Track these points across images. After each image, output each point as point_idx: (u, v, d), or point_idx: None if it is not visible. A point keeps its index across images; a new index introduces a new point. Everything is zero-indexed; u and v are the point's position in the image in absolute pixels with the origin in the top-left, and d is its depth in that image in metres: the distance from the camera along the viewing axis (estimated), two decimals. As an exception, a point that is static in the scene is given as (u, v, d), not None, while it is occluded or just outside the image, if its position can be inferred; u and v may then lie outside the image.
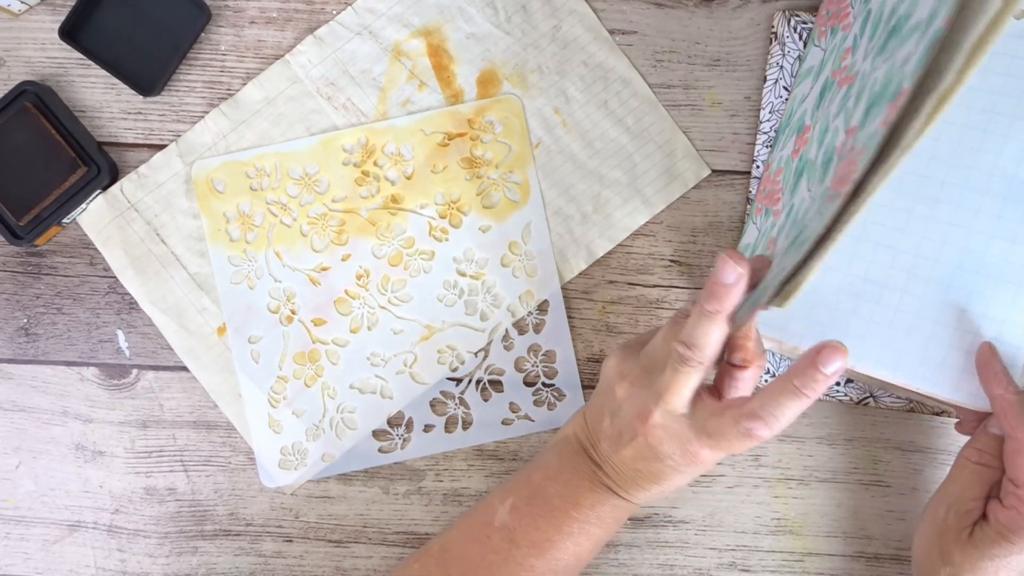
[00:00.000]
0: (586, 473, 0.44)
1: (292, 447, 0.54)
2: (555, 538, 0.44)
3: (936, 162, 0.45)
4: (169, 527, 0.55)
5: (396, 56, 0.55)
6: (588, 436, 0.45)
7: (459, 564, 0.45)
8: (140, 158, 0.55)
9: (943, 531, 0.43)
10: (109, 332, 0.55)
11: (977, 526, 0.42)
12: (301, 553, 0.55)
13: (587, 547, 0.44)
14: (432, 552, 0.46)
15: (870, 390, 0.53)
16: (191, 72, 0.55)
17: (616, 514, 0.44)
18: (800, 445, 0.54)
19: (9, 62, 0.55)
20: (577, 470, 0.44)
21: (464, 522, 0.47)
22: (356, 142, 0.54)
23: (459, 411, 0.55)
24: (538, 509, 0.44)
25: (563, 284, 0.54)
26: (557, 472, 0.45)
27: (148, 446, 0.55)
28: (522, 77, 0.54)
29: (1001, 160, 0.44)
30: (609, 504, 0.44)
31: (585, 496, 0.44)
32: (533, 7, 0.54)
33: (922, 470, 0.54)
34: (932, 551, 0.44)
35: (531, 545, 0.44)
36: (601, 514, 0.44)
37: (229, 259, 0.55)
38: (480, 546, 0.45)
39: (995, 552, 0.41)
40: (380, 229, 0.54)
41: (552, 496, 0.44)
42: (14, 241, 0.53)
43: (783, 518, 0.54)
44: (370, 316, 0.54)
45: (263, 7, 0.55)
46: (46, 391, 0.55)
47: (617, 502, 0.44)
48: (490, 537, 0.44)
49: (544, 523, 0.44)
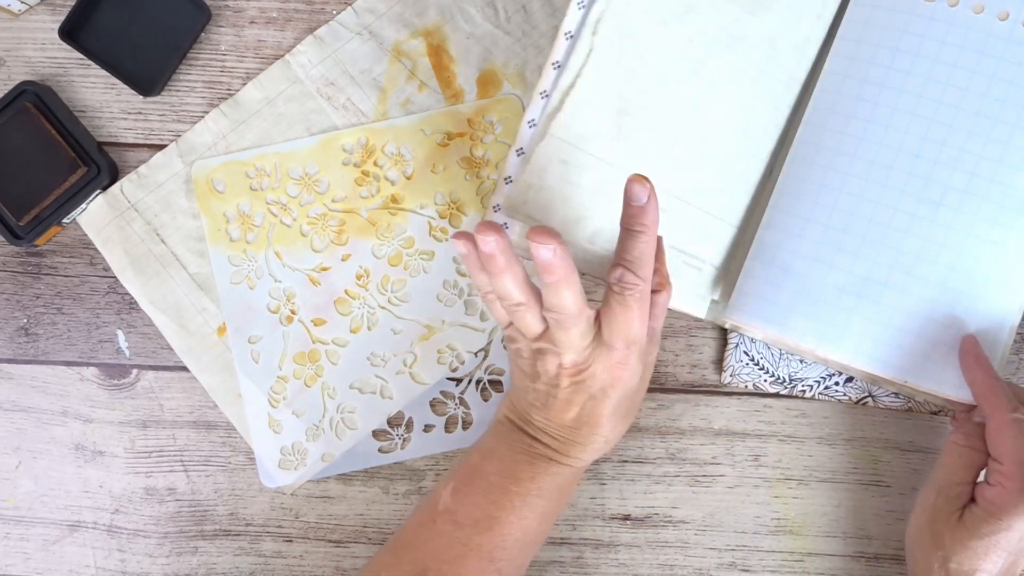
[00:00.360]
0: (522, 448, 0.45)
1: (292, 447, 0.54)
2: (497, 515, 0.44)
3: (940, 167, 0.46)
4: (169, 527, 0.55)
5: (396, 56, 0.55)
6: (518, 414, 0.46)
7: (409, 550, 0.45)
8: (140, 158, 0.55)
9: (934, 516, 0.44)
10: (109, 332, 0.55)
11: (967, 509, 0.43)
12: (301, 553, 0.55)
13: (533, 520, 0.45)
14: (388, 543, 0.47)
15: (869, 389, 0.53)
16: (191, 72, 0.55)
17: (558, 482, 0.45)
18: (800, 445, 0.54)
19: (9, 62, 0.55)
20: (512, 446, 0.45)
21: (415, 511, 0.48)
22: (356, 142, 0.54)
23: (459, 411, 0.55)
24: (477, 488, 0.45)
25: (563, 284, 0.54)
26: (493, 451, 0.46)
27: (148, 446, 0.55)
28: (522, 77, 0.54)
29: (1000, 168, 0.45)
30: (549, 474, 0.44)
31: (523, 469, 0.45)
32: (533, 7, 0.54)
33: (922, 470, 0.54)
34: (924, 537, 0.45)
35: (473, 524, 0.44)
36: (542, 486, 0.44)
37: (229, 259, 0.55)
38: (426, 530, 0.45)
39: (984, 531, 0.42)
40: (380, 229, 0.54)
41: (490, 474, 0.45)
42: (14, 241, 0.53)
43: (783, 518, 0.54)
44: (370, 316, 0.54)
45: (263, 7, 0.55)
46: (46, 391, 0.55)
47: (557, 469, 0.45)
48: (435, 521, 0.45)
49: (484, 501, 0.45)
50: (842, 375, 0.53)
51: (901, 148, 0.46)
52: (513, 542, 0.45)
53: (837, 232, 0.47)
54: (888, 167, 0.47)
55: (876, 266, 0.46)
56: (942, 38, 0.46)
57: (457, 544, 0.44)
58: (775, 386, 0.53)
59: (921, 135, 0.46)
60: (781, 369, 0.53)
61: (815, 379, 0.53)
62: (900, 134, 0.46)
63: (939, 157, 0.46)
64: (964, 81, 0.46)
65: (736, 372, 0.53)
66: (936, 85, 0.46)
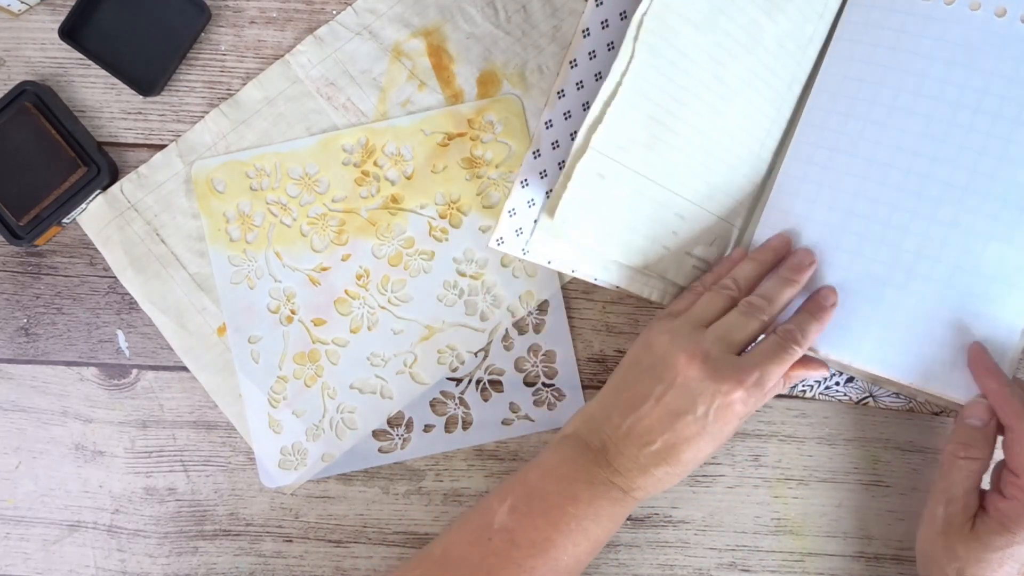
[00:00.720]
0: (583, 466, 0.44)
1: (292, 447, 0.54)
2: (554, 537, 0.44)
3: (939, 164, 0.45)
4: (169, 527, 0.55)
5: (396, 56, 0.55)
6: (593, 430, 0.45)
7: (460, 568, 0.45)
8: (140, 158, 0.55)
9: (944, 529, 0.44)
10: (109, 332, 0.55)
11: (979, 519, 0.43)
12: (301, 553, 0.55)
13: (585, 548, 0.45)
14: (433, 556, 0.46)
15: (870, 389, 0.53)
16: (191, 72, 0.55)
17: (613, 509, 0.45)
18: (800, 445, 0.54)
19: (9, 62, 0.55)
20: (576, 465, 0.45)
21: (463, 524, 0.47)
22: (356, 142, 0.54)
23: (459, 411, 0.55)
24: (536, 508, 0.44)
25: (563, 284, 0.54)
26: (554, 469, 0.45)
27: (148, 446, 0.55)
28: (522, 77, 0.54)
29: (1002, 164, 0.45)
30: (607, 498, 0.44)
31: (582, 491, 0.44)
32: (533, 7, 0.54)
33: (922, 470, 0.54)
34: (936, 550, 0.44)
35: (531, 545, 0.44)
36: (598, 510, 0.44)
37: (229, 259, 0.55)
38: (481, 548, 0.45)
39: (998, 544, 0.42)
40: (380, 229, 0.55)
41: (549, 493, 0.45)
42: (14, 241, 0.53)
43: (783, 518, 0.54)
44: (370, 316, 0.54)
45: (263, 7, 0.55)
46: (46, 391, 0.55)
47: (615, 495, 0.44)
48: (491, 539, 0.44)
49: (543, 522, 0.44)
50: (843, 375, 0.53)
51: (899, 146, 0.46)
52: (564, 568, 0.44)
53: (835, 230, 0.47)
54: (886, 165, 0.46)
55: (875, 264, 0.46)
56: (939, 36, 0.46)
57: (512, 565, 0.44)
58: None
59: (919, 132, 0.46)
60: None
61: (815, 379, 0.53)
62: (898, 132, 0.46)
63: (938, 154, 0.45)
64: (962, 78, 0.45)
65: (736, 372, 0.53)
66: (934, 82, 0.46)
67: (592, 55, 0.46)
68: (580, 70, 0.46)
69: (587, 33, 0.45)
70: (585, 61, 0.46)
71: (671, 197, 0.47)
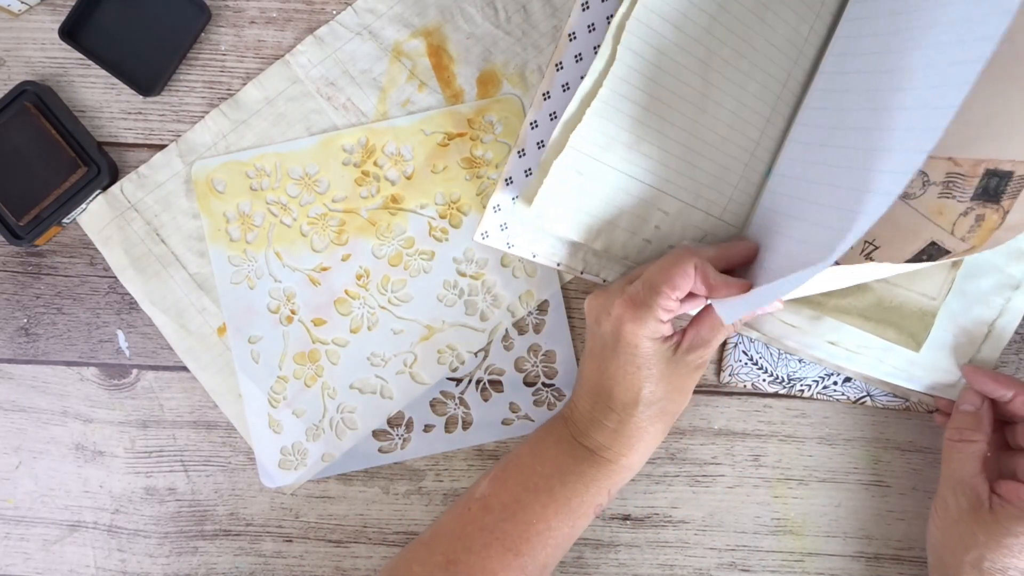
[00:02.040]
0: (553, 429, 0.47)
1: (292, 447, 0.54)
2: (523, 498, 0.45)
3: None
4: (169, 527, 0.55)
5: (396, 56, 0.55)
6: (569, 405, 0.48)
7: (442, 540, 0.46)
8: (140, 158, 0.55)
9: (959, 517, 0.44)
10: (109, 332, 0.55)
11: (999, 504, 0.44)
12: (301, 553, 0.55)
13: (553, 510, 0.45)
14: (423, 535, 0.48)
15: (867, 389, 0.53)
16: (191, 72, 0.55)
17: (581, 468, 0.45)
18: (800, 445, 0.54)
19: (9, 62, 0.55)
20: (547, 429, 0.48)
21: (453, 503, 0.49)
22: (356, 142, 0.54)
23: (459, 411, 0.55)
24: (511, 473, 0.47)
25: (563, 284, 0.54)
26: (533, 438, 0.48)
27: (148, 446, 0.55)
28: (522, 77, 0.54)
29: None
30: (571, 456, 0.45)
31: (549, 449, 0.46)
32: (533, 7, 0.54)
33: (922, 470, 0.54)
34: (951, 540, 0.45)
35: (503, 508, 0.45)
36: (563, 467, 0.45)
37: (229, 259, 0.55)
38: (460, 518, 0.46)
39: (1019, 529, 0.42)
40: (380, 229, 0.55)
41: (522, 456, 0.47)
42: (14, 241, 0.53)
43: (783, 518, 0.54)
44: (370, 316, 0.54)
45: (263, 7, 0.55)
46: (46, 391, 0.55)
47: (581, 453, 0.45)
48: (469, 508, 0.46)
49: (513, 483, 0.46)
50: (840, 375, 0.53)
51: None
52: (535, 535, 0.45)
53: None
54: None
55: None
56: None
57: (485, 532, 0.45)
58: (774, 385, 0.53)
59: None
60: (780, 369, 0.53)
61: (813, 379, 0.53)
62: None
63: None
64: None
65: (735, 372, 0.53)
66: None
67: (578, 58, 0.47)
68: (566, 73, 0.47)
69: (573, 37, 0.46)
70: (571, 64, 0.47)
71: (655, 194, 0.47)
